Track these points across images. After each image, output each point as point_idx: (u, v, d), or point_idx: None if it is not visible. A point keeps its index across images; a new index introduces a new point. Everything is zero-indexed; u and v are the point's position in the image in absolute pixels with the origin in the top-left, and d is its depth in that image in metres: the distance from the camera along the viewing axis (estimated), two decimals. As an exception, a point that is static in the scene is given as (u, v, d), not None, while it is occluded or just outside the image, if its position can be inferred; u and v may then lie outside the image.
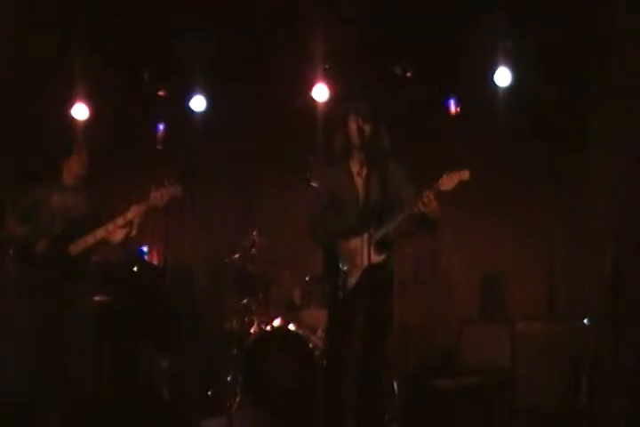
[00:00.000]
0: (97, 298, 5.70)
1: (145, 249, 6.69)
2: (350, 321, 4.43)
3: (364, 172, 4.49)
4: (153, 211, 4.89)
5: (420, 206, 4.25)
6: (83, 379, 4.81)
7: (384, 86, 6.72)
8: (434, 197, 4.23)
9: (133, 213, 4.83)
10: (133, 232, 4.96)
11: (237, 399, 5.77)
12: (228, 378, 5.93)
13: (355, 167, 4.55)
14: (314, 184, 6.05)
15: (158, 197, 4.79)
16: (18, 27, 6.15)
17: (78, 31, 6.46)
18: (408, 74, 6.85)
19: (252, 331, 6.10)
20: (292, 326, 6.00)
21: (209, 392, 6.07)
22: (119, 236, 4.97)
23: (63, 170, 5.05)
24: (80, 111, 7.06)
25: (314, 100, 7.00)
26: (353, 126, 4.48)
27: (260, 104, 7.22)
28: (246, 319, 6.18)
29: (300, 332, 5.93)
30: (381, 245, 4.39)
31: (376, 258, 4.35)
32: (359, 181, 4.51)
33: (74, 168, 5.04)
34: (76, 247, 4.87)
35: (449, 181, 4.23)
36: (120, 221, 4.84)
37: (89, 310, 4.99)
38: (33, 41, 6.31)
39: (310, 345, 5.81)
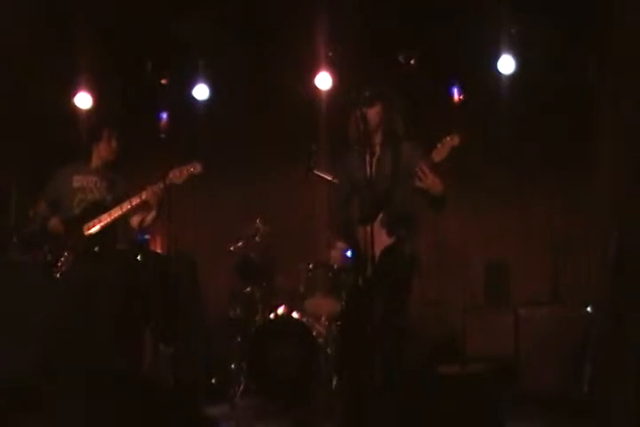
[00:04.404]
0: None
1: (148, 237, 6.69)
2: (369, 307, 4.37)
3: (377, 155, 4.48)
4: (172, 188, 4.94)
5: (417, 182, 4.23)
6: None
7: (388, 74, 6.71)
8: (429, 171, 4.19)
9: (149, 192, 4.90)
10: (157, 211, 5.03)
11: (241, 387, 5.77)
12: (232, 366, 5.95)
13: (369, 152, 4.50)
14: (316, 172, 6.06)
15: (177, 174, 4.89)
16: (21, 19, 6.16)
17: (81, 21, 6.45)
18: (412, 61, 6.83)
19: (255, 319, 6.09)
20: (295, 314, 6.01)
21: (212, 380, 6.08)
22: (148, 218, 5.07)
23: (92, 154, 5.12)
24: (83, 100, 7.08)
25: (317, 87, 6.98)
26: (358, 114, 4.44)
27: (263, 92, 7.21)
28: (250, 307, 6.19)
29: (304, 320, 5.93)
30: (394, 226, 4.39)
31: (388, 240, 4.37)
32: (372, 165, 4.45)
33: (103, 153, 5.11)
34: (90, 227, 4.93)
35: (441, 151, 4.19)
36: (135, 200, 4.92)
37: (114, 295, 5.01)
38: (35, 32, 6.31)
39: (314, 333, 5.80)
